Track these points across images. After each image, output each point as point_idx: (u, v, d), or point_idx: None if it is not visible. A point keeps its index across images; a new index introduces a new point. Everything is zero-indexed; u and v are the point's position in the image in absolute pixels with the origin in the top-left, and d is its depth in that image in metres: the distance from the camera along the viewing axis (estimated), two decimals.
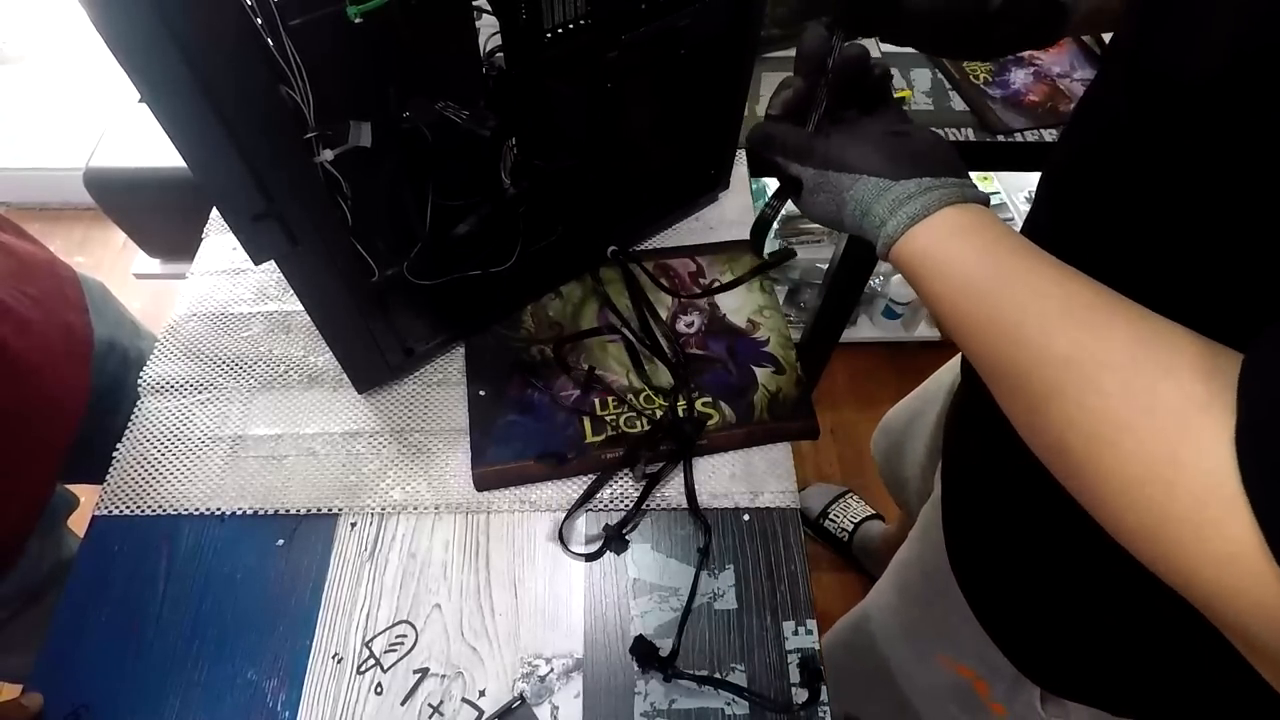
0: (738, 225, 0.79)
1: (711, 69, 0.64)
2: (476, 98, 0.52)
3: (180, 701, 0.54)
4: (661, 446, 0.63)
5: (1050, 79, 1.30)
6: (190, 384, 0.68)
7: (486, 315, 0.70)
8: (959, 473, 0.62)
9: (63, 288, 0.71)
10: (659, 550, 0.60)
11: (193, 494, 0.62)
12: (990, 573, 0.58)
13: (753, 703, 0.53)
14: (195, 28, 0.36)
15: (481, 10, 0.50)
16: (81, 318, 0.72)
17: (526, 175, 0.60)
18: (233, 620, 0.57)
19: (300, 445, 0.65)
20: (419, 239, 0.57)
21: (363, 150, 0.48)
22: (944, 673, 0.65)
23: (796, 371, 0.68)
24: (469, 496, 0.62)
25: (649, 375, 0.67)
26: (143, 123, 1.42)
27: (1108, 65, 0.44)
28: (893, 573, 0.75)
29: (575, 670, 0.55)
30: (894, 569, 0.75)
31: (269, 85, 0.41)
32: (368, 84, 0.48)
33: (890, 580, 0.76)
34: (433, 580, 0.59)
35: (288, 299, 0.74)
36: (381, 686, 0.54)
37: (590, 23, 0.53)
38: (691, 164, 0.76)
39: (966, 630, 0.59)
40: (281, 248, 0.48)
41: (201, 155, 0.41)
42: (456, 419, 0.66)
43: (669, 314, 0.71)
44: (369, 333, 0.60)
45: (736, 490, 0.63)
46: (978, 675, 0.61)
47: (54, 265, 0.72)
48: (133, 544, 0.60)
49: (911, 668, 0.71)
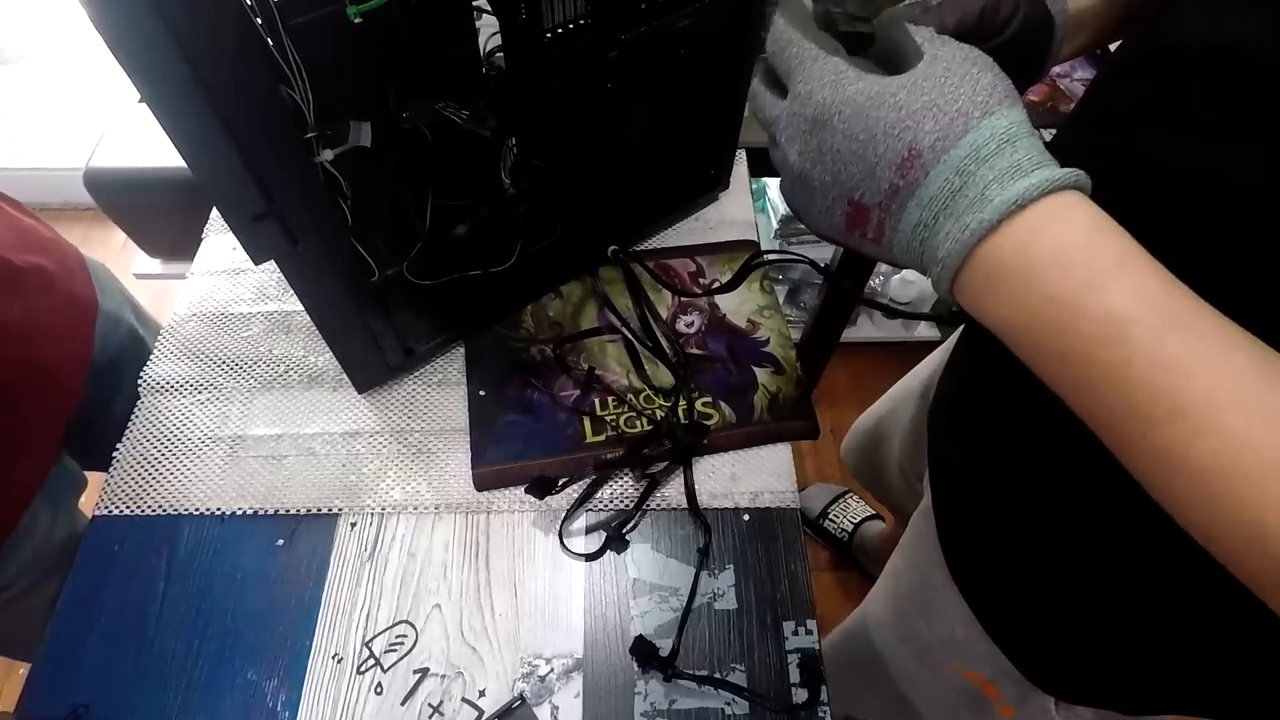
0: (738, 225, 0.79)
1: (711, 69, 0.64)
2: (476, 98, 0.52)
3: (180, 701, 0.54)
4: (662, 446, 0.63)
5: (1050, 79, 1.30)
6: (190, 384, 0.68)
7: (486, 315, 0.70)
8: (950, 482, 0.61)
9: (68, 260, 0.71)
10: (659, 550, 0.60)
11: (193, 494, 0.62)
12: (994, 580, 0.57)
13: (753, 703, 0.53)
14: (195, 28, 0.36)
15: (481, 10, 0.50)
16: (87, 290, 0.72)
17: (526, 175, 0.60)
18: (233, 620, 0.57)
19: (300, 445, 0.65)
20: (419, 239, 0.57)
21: (363, 150, 0.48)
22: (952, 678, 0.64)
23: (796, 371, 0.68)
24: (469, 496, 0.62)
25: (649, 375, 0.67)
26: (143, 123, 1.42)
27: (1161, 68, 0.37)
28: (888, 582, 0.74)
29: (575, 670, 0.55)
30: (889, 578, 0.74)
31: (269, 85, 0.41)
32: (368, 84, 0.48)
33: (886, 591, 0.74)
34: (433, 580, 0.59)
35: (288, 299, 0.74)
36: (381, 686, 0.54)
37: (590, 23, 0.53)
38: (691, 164, 0.76)
39: (973, 637, 0.58)
40: (281, 248, 0.48)
41: (201, 155, 0.41)
42: (456, 419, 0.66)
43: (669, 314, 0.71)
44: (369, 333, 0.60)
45: (736, 490, 0.63)
46: (987, 679, 0.60)
47: (60, 241, 0.72)
48: (133, 544, 0.60)
49: (917, 673, 0.70)
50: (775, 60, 0.34)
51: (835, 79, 0.32)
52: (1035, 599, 0.53)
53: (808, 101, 0.32)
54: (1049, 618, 0.53)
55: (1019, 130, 0.30)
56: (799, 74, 0.33)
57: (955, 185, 0.29)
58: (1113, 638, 0.49)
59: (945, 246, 0.30)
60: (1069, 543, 0.49)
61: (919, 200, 0.30)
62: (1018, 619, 0.56)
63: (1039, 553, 0.51)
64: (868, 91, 0.31)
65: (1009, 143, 0.29)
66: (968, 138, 0.29)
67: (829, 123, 0.32)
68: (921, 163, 0.30)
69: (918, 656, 0.68)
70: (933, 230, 0.30)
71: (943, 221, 0.30)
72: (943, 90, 0.30)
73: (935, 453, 0.64)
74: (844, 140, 0.31)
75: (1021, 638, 0.56)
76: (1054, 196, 0.29)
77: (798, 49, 0.33)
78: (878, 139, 0.30)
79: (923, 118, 0.30)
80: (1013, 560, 0.54)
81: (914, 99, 0.30)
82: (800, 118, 0.33)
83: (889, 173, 0.30)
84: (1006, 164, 0.29)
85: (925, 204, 0.30)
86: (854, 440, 1.05)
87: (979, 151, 0.29)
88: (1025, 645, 0.56)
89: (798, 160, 0.33)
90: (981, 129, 0.29)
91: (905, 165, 0.30)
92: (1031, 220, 0.29)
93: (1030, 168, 0.29)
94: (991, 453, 0.54)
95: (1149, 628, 0.47)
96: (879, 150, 0.30)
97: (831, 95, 0.31)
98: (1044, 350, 0.30)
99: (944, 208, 0.30)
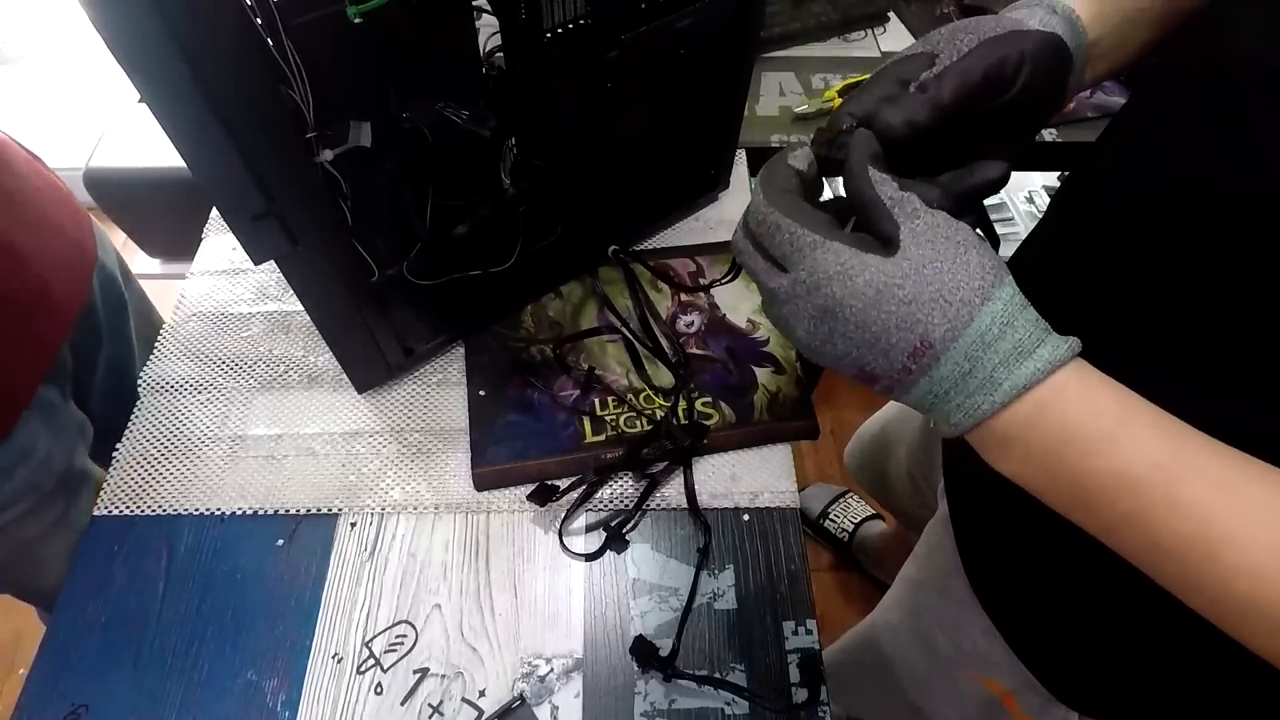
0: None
1: (711, 69, 0.64)
2: (476, 98, 0.52)
3: (180, 701, 0.54)
4: (662, 446, 0.63)
5: None
6: (190, 384, 0.68)
7: (486, 315, 0.70)
8: (970, 495, 0.60)
9: (76, 209, 0.73)
10: (659, 550, 0.60)
11: (192, 494, 0.62)
12: (1016, 594, 0.56)
13: (753, 703, 0.53)
14: (195, 28, 0.36)
15: (481, 10, 0.50)
16: (89, 239, 0.74)
17: (526, 175, 0.60)
18: (233, 620, 0.57)
19: (300, 445, 0.65)
20: (419, 239, 0.57)
21: (363, 150, 0.48)
22: (969, 687, 0.64)
23: (796, 371, 0.68)
24: (469, 496, 0.62)
25: (649, 375, 0.67)
26: (143, 123, 1.42)
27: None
28: (904, 590, 0.73)
29: (575, 670, 0.55)
30: (904, 586, 0.73)
31: (269, 85, 0.41)
32: (368, 84, 0.48)
33: (902, 599, 0.73)
34: (433, 580, 0.59)
35: (288, 299, 0.74)
36: (381, 686, 0.54)
37: (590, 23, 0.53)
38: (691, 164, 0.76)
39: (994, 649, 0.58)
40: (281, 248, 0.48)
41: (201, 155, 0.41)
42: (456, 419, 0.66)
43: (669, 314, 0.71)
44: (369, 333, 0.60)
45: (736, 490, 0.63)
46: (1007, 690, 0.60)
47: (72, 196, 0.74)
48: (133, 544, 0.60)
49: (931, 681, 0.69)
50: (765, 240, 0.35)
51: (841, 272, 0.32)
52: (1059, 613, 0.52)
53: (815, 293, 0.33)
54: (1073, 632, 0.52)
55: (1014, 308, 0.32)
56: (801, 263, 0.34)
57: (964, 369, 0.32)
58: (1138, 654, 0.49)
59: (956, 416, 0.33)
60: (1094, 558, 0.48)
61: (930, 379, 0.33)
62: (1041, 633, 0.55)
63: (1063, 567, 0.50)
64: (875, 284, 0.32)
65: (1008, 325, 0.32)
66: (973, 326, 0.31)
67: (839, 314, 0.33)
68: (933, 352, 0.32)
69: (933, 665, 0.67)
70: (943, 399, 0.33)
71: (953, 396, 0.33)
72: (943, 280, 0.32)
73: (952, 465, 0.63)
74: (855, 330, 0.33)
75: (1045, 651, 0.55)
76: (1056, 372, 0.31)
77: (789, 235, 0.34)
78: (890, 332, 0.32)
79: (931, 310, 0.32)
80: (1036, 574, 0.53)
81: (920, 291, 0.32)
82: (808, 304, 0.34)
83: (901, 357, 0.33)
84: (1009, 346, 0.31)
85: (936, 381, 0.33)
86: (858, 447, 1.04)
87: (984, 337, 0.31)
88: (1049, 659, 0.55)
89: (805, 335, 0.35)
90: (983, 316, 0.31)
91: (918, 353, 0.32)
92: (1037, 396, 0.32)
93: (1031, 346, 0.32)
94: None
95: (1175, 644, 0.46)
96: (891, 340, 0.32)
97: (840, 291, 0.33)
98: (1063, 502, 0.33)
99: (954, 385, 0.32)
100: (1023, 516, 0.53)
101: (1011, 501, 0.53)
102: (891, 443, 0.93)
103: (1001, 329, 0.32)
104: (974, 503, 0.59)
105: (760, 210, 0.35)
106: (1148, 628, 0.47)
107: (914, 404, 0.35)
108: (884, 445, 0.95)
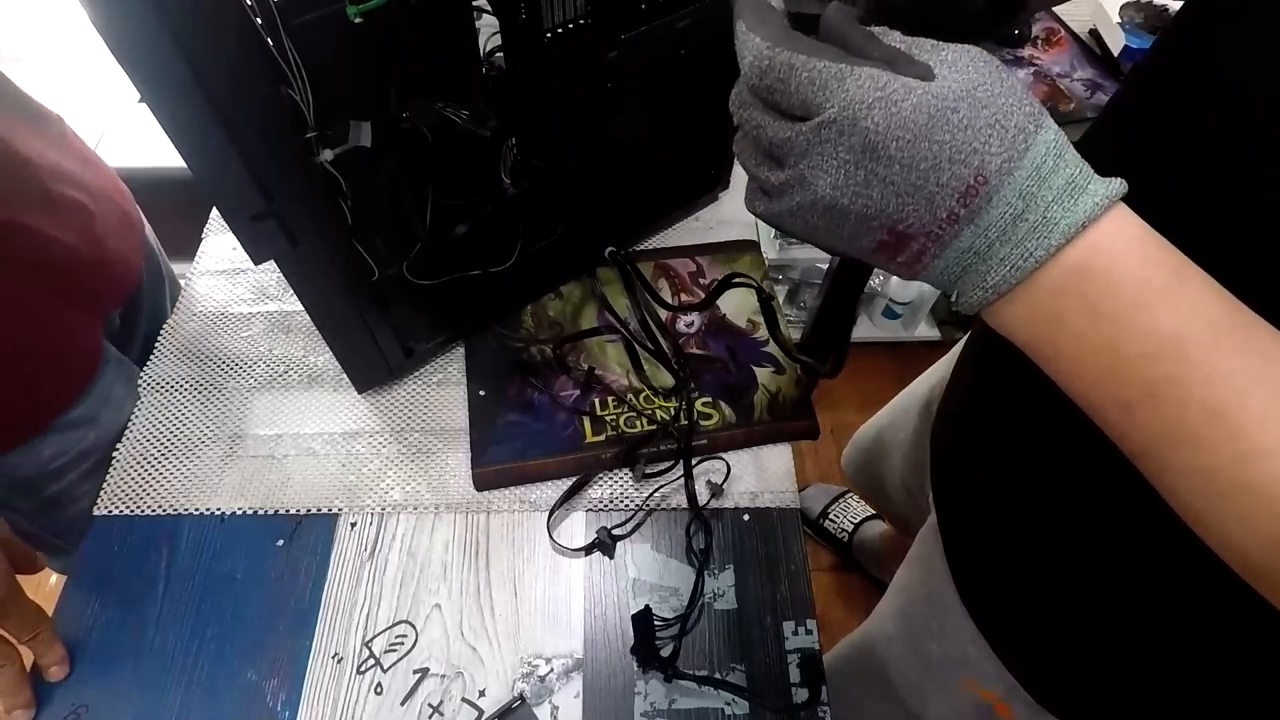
0: (738, 225, 0.79)
1: (711, 69, 0.64)
2: (476, 98, 0.52)
3: (180, 701, 0.54)
4: (662, 446, 0.63)
5: (1050, 79, 1.30)
6: (190, 383, 0.68)
7: (486, 315, 0.70)
8: (957, 501, 0.60)
9: (121, 190, 0.75)
10: (659, 550, 0.60)
11: (192, 494, 0.62)
12: (1003, 601, 0.56)
13: (753, 703, 0.53)
14: (195, 28, 0.36)
15: (481, 10, 0.50)
16: (136, 213, 0.77)
17: (526, 175, 0.60)
18: (233, 620, 0.57)
19: (300, 445, 0.65)
20: (419, 239, 0.57)
21: (363, 150, 0.48)
22: (964, 694, 0.63)
23: (796, 371, 0.68)
24: (469, 496, 0.62)
25: (649, 375, 0.67)
26: (143, 123, 1.42)
27: None
28: (897, 597, 0.73)
29: (575, 670, 0.55)
30: (897, 593, 0.73)
31: (269, 85, 0.41)
32: (368, 84, 0.48)
33: (895, 605, 0.73)
34: (433, 580, 0.59)
35: (288, 299, 0.74)
36: (381, 686, 0.54)
37: (590, 23, 0.53)
38: (691, 164, 0.76)
39: (985, 656, 0.57)
40: (281, 248, 0.48)
41: (201, 155, 0.41)
42: (456, 419, 0.66)
43: (668, 314, 0.71)
44: (369, 333, 0.61)
45: (736, 490, 0.63)
46: (999, 698, 0.59)
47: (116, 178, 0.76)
48: (133, 544, 0.60)
49: (926, 689, 0.69)
50: (777, 89, 0.29)
51: (883, 98, 0.27)
52: (1047, 621, 0.52)
53: (852, 130, 0.28)
54: (1061, 640, 0.52)
55: (1061, 138, 0.28)
56: (829, 99, 0.28)
57: (1018, 209, 0.27)
58: (1128, 662, 0.48)
59: (999, 273, 0.28)
60: (1084, 565, 0.47)
61: (977, 228, 0.28)
62: (1028, 640, 0.55)
63: (1052, 575, 0.50)
64: (926, 108, 0.27)
65: (1060, 156, 0.27)
66: (1029, 155, 0.27)
67: (883, 152, 0.28)
68: (988, 188, 0.27)
69: (928, 672, 0.67)
70: (985, 256, 0.28)
71: (999, 247, 0.28)
72: (997, 103, 0.27)
73: (940, 472, 0.63)
74: (900, 170, 0.28)
75: (1032, 660, 0.55)
76: (1109, 212, 0.27)
77: (808, 73, 0.28)
78: (942, 167, 0.27)
79: (989, 137, 0.27)
80: (1024, 581, 0.53)
81: (975, 115, 0.27)
82: (841, 146, 0.28)
83: (949, 201, 0.28)
84: (1063, 180, 0.27)
85: (982, 231, 0.28)
86: (854, 453, 1.04)
87: (1039, 170, 0.27)
88: (1034, 666, 0.55)
89: (830, 192, 0.29)
90: (1038, 144, 0.27)
91: (970, 193, 0.27)
92: (1091, 240, 0.27)
93: (1084, 181, 0.27)
94: (1002, 471, 0.53)
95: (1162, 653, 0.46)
96: (942, 179, 0.27)
97: (883, 120, 0.27)
98: (1086, 370, 0.29)
99: (1001, 234, 0.28)
100: (1010, 523, 0.53)
101: (1001, 504, 0.54)
102: (887, 448, 0.93)
103: (1055, 162, 0.27)
104: (962, 509, 0.59)
105: (764, 55, 0.29)
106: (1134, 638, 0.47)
107: (944, 272, 0.30)
108: (880, 451, 0.95)
